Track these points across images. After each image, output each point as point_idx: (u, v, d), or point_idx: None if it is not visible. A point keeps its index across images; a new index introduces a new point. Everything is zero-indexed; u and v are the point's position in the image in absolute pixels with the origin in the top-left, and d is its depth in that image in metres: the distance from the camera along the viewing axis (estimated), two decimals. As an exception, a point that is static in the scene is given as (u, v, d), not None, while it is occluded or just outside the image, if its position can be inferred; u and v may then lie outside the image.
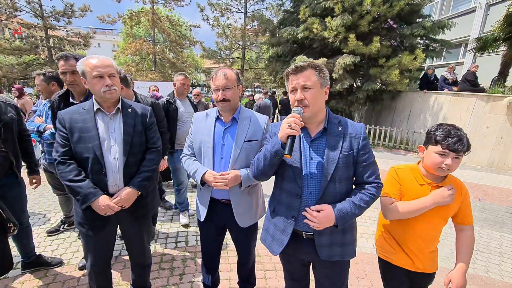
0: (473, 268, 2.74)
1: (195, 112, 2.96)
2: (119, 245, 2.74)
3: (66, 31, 12.71)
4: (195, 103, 3.43)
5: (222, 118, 1.71)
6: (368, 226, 3.49)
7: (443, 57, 11.91)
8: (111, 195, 1.59)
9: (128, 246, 1.86)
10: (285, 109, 10.32)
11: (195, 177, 1.67)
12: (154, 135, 1.76)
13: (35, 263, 2.37)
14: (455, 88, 8.83)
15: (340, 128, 1.34)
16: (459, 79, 9.43)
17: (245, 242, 1.89)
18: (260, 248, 2.89)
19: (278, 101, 11.95)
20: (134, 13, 14.59)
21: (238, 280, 2.15)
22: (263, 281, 2.38)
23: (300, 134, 1.32)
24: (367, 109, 12.16)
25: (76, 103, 2.03)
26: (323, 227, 1.28)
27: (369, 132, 9.82)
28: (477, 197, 4.84)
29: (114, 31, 38.50)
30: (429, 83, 9.79)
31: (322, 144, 1.33)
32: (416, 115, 9.71)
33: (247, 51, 16.74)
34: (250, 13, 15.08)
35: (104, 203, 1.52)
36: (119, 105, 1.63)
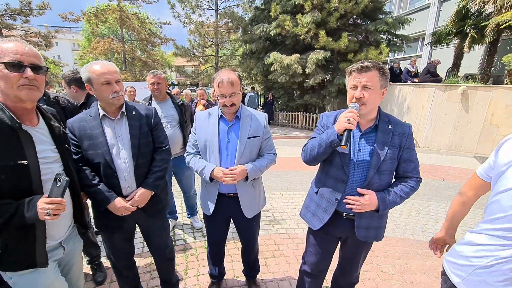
0: (443, 238, 3.14)
1: (179, 114, 2.87)
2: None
3: (24, 30, 11.68)
4: (180, 102, 2.99)
5: (225, 117, 1.81)
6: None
7: (404, 51, 12.81)
8: (125, 197, 1.65)
9: (148, 242, 1.93)
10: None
11: (203, 173, 1.76)
12: (160, 134, 1.80)
13: None
14: (416, 80, 9.61)
15: (390, 126, 1.45)
16: (419, 71, 10.27)
17: (251, 231, 2.04)
18: (257, 239, 3.07)
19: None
20: (99, 11, 13.81)
21: (243, 268, 2.30)
22: (264, 268, 2.55)
23: None
24: (339, 102, 12.73)
25: None
26: (365, 210, 1.43)
27: (343, 124, 10.34)
28: (441, 177, 5.41)
29: (73, 29, 36.01)
30: (394, 76, 10.52)
31: (371, 138, 1.46)
32: (383, 106, 10.41)
33: (220, 48, 16.64)
34: (222, 10, 14.99)
35: (120, 205, 1.59)
36: (123, 109, 1.65)
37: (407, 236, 3.17)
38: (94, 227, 3.26)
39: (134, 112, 1.69)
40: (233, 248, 2.86)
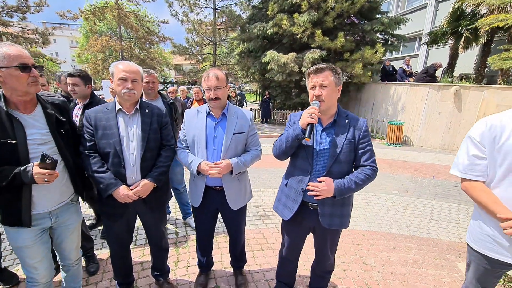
0: (427, 233, 3.25)
1: (169, 112, 2.89)
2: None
3: (21, 27, 11.70)
4: (170, 101, 3.01)
5: (212, 113, 1.91)
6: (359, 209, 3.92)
7: (400, 51, 12.90)
8: (129, 186, 1.76)
9: (147, 232, 2.06)
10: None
11: (190, 167, 1.87)
12: (168, 133, 1.93)
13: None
14: (411, 79, 9.71)
15: (347, 121, 1.62)
16: (413, 70, 10.37)
17: (236, 223, 2.14)
18: (246, 233, 3.16)
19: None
20: (97, 9, 13.81)
21: (230, 260, 2.40)
22: (252, 260, 2.65)
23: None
24: (336, 100, 12.85)
25: None
26: (324, 196, 1.57)
27: (338, 123, 10.47)
28: (431, 175, 5.52)
29: (71, 26, 35.91)
30: (388, 75, 10.61)
31: (331, 132, 1.62)
32: (379, 105, 10.51)
33: (218, 47, 16.67)
34: (220, 8, 15.02)
35: (123, 193, 1.70)
36: (137, 106, 1.81)
37: (392, 230, 3.27)
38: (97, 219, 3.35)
39: (147, 110, 1.84)
40: (223, 241, 2.95)
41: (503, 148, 1.19)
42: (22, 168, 1.37)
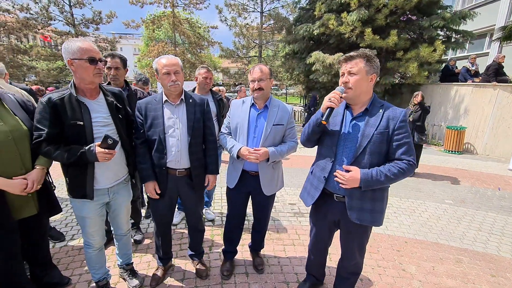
0: (484, 248, 2.87)
1: (218, 109, 3.11)
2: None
3: (95, 36, 13.62)
4: (219, 97, 3.20)
5: (256, 104, 2.05)
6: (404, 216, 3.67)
7: (465, 49, 11.51)
8: (170, 169, 1.98)
9: (186, 214, 2.29)
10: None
11: (232, 151, 2.03)
12: (211, 125, 2.10)
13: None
14: (477, 80, 8.61)
15: (381, 111, 1.52)
16: (481, 70, 9.17)
17: (265, 207, 2.24)
18: (279, 227, 3.19)
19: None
20: (156, 17, 15.28)
21: (250, 243, 2.51)
22: (282, 253, 2.67)
23: (344, 112, 1.61)
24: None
25: None
26: (349, 186, 1.51)
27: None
28: (497, 187, 4.82)
29: (135, 36, 40.10)
30: (451, 75, 9.57)
31: (361, 121, 1.55)
32: (436, 108, 9.53)
33: (263, 49, 16.97)
34: (267, 12, 15.31)
35: (148, 189, 1.97)
36: (182, 97, 1.99)
37: (440, 241, 2.96)
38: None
39: (191, 100, 2.03)
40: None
41: None
42: (86, 147, 1.60)
